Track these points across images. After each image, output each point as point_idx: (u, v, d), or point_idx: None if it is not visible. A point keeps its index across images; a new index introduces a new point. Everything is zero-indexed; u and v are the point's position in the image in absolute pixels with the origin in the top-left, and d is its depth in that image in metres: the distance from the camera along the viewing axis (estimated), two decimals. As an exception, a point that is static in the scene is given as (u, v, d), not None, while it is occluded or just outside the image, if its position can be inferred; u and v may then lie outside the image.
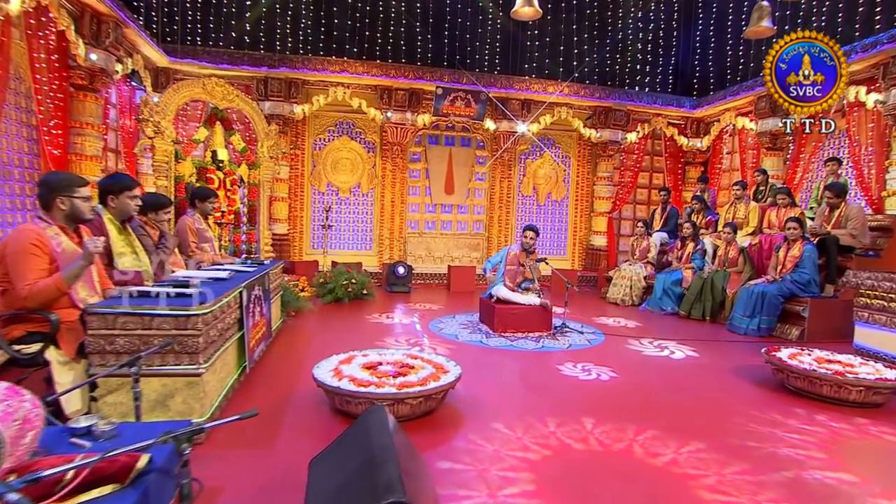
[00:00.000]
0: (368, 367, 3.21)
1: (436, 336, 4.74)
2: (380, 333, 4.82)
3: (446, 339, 4.67)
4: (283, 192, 8.22)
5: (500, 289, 5.19)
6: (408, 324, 5.27)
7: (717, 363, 4.19)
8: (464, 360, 3.70)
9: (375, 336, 4.71)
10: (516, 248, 5.32)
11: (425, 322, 5.37)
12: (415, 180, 8.97)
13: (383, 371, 3.14)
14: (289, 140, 8.24)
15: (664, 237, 7.63)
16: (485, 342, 4.58)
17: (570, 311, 5.96)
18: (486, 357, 4.22)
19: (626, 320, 5.93)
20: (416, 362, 3.33)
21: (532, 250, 5.21)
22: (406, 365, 3.27)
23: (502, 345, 4.52)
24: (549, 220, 9.55)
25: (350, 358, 3.39)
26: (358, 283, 6.78)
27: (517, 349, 4.38)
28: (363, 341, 4.44)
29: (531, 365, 3.94)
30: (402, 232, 8.83)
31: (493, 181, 9.09)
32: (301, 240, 8.61)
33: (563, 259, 9.55)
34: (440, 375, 3.09)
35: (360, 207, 8.82)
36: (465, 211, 9.16)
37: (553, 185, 9.45)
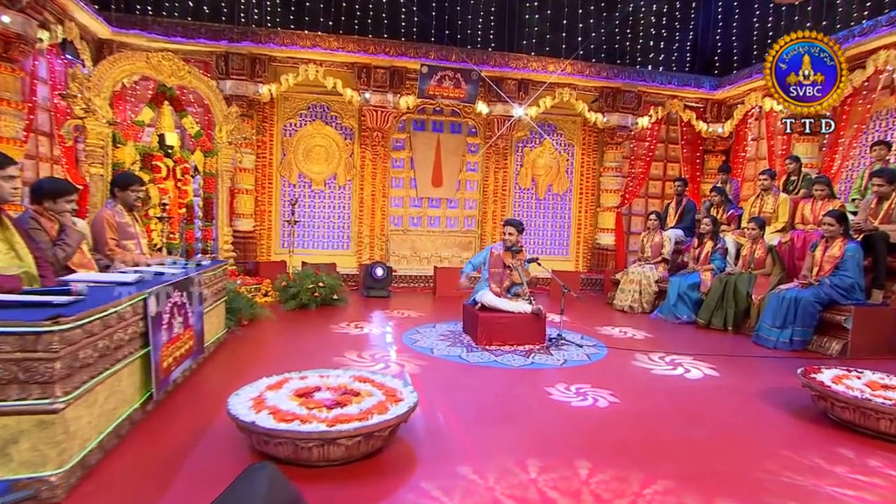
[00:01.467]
0: (301, 395, 2.74)
1: (408, 350, 4.46)
2: (342, 347, 4.49)
3: (419, 353, 4.38)
4: (247, 184, 7.90)
5: (485, 294, 4.87)
6: (379, 334, 5.04)
7: (741, 384, 3.85)
8: (434, 381, 3.56)
9: (336, 350, 4.37)
10: (499, 247, 5.00)
11: (400, 332, 5.11)
12: (398, 171, 8.71)
13: (318, 400, 2.68)
14: (255, 125, 7.97)
15: (679, 234, 7.32)
16: (464, 357, 4.28)
17: (570, 319, 5.78)
18: (461, 376, 3.87)
19: (633, 330, 5.65)
20: (364, 387, 2.88)
21: (518, 249, 4.91)
22: (350, 391, 2.81)
23: (484, 361, 4.21)
24: (550, 216, 9.27)
25: (282, 382, 2.93)
26: (326, 286, 6.40)
27: (501, 366, 4.09)
28: (318, 357, 4.13)
29: (515, 386, 3.62)
30: (384, 229, 8.58)
31: (486, 172, 8.83)
32: (269, 238, 8.35)
33: (565, 260, 9.30)
34: (389, 405, 2.62)
35: (336, 201, 8.58)
36: (454, 205, 8.90)
37: (554, 176, 9.17)
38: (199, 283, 3.83)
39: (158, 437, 2.68)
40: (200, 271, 3.87)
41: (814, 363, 3.80)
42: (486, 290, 4.91)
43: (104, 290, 2.68)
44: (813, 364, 3.58)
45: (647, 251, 7.06)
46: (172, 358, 3.26)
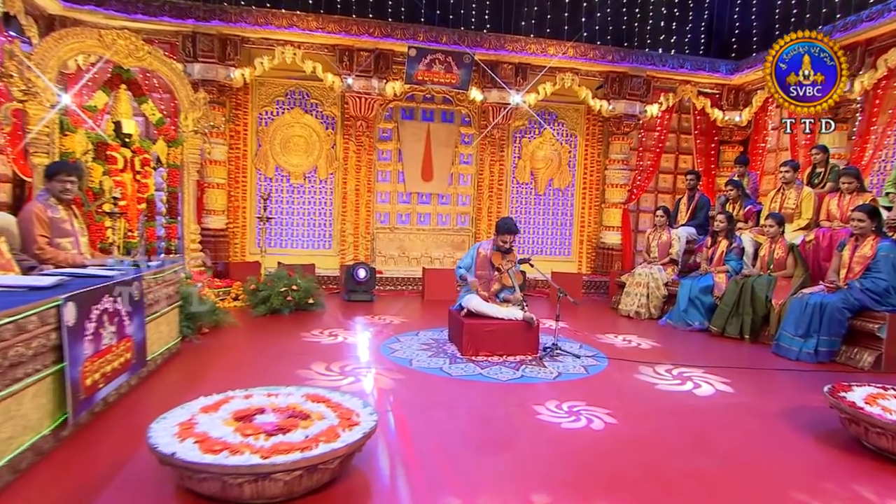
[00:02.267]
0: (240, 418, 2.49)
1: (384, 361, 4.31)
2: (310, 358, 4.29)
3: (396, 365, 4.21)
4: (218, 178, 7.68)
5: (471, 299, 4.67)
6: (354, 343, 4.87)
7: (758, 403, 3.65)
8: (407, 398, 3.41)
9: (303, 361, 4.18)
10: (487, 246, 4.82)
11: (378, 341, 4.95)
12: (385, 163, 8.58)
13: (258, 425, 2.42)
14: (228, 112, 7.75)
15: (691, 232, 7.11)
16: (446, 370, 4.11)
17: (569, 326, 5.75)
18: (439, 392, 3.66)
19: (639, 339, 5.50)
20: (316, 408, 2.63)
21: (509, 249, 4.74)
22: (298, 413, 2.55)
23: (468, 374, 4.04)
24: (551, 213, 9.12)
25: (222, 402, 2.67)
26: (301, 289, 6.19)
27: (487, 380, 3.91)
28: (281, 370, 3.93)
29: (498, 404, 3.44)
30: (370, 227, 8.44)
31: (481, 165, 8.70)
32: (243, 236, 8.17)
33: (567, 261, 9.13)
34: (341, 431, 2.36)
35: (317, 197, 8.43)
36: (446, 201, 8.79)
37: (555, 169, 9.02)
38: (142, 287, 3.55)
39: (68, 470, 2.42)
40: (141, 273, 3.58)
41: (843, 378, 3.59)
42: (473, 294, 4.73)
43: (2, 297, 2.40)
44: (841, 380, 3.36)
45: (653, 251, 6.89)
46: (101, 374, 2.99)
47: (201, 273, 6.47)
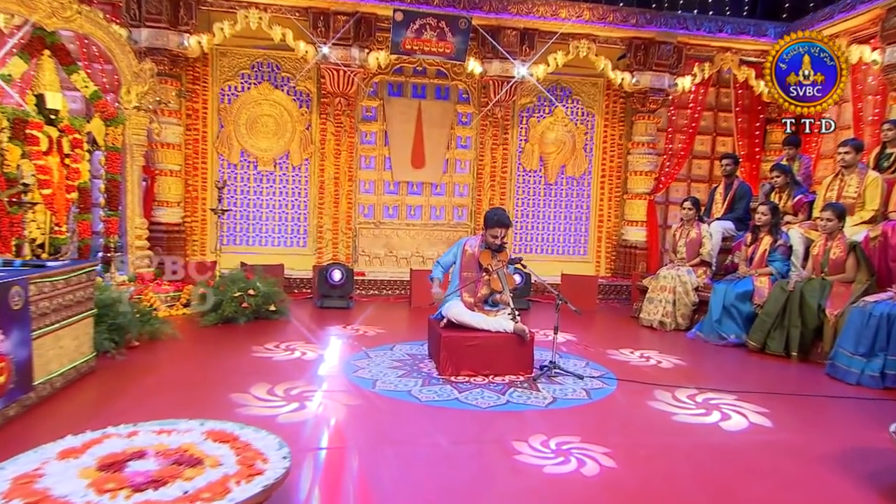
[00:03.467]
0: (106, 466, 2.21)
1: (343, 382, 4.13)
2: (253, 378, 4.05)
3: (355, 387, 4.02)
4: (173, 164, 7.45)
5: (453, 307, 4.44)
6: (313, 359, 4.68)
7: (805, 441, 3.36)
8: (354, 432, 3.19)
9: (241, 383, 3.93)
10: (475, 243, 4.63)
11: (344, 357, 4.80)
12: (368, 147, 8.42)
13: (127, 475, 2.14)
14: (182, 87, 7.56)
15: (728, 228, 6.84)
16: (415, 394, 3.87)
17: (578, 339, 5.65)
18: (398, 424, 3.40)
19: (660, 355, 5.28)
20: (216, 451, 2.37)
21: (500, 247, 4.58)
22: (187, 459, 2.25)
23: (442, 399, 3.80)
24: (563, 206, 8.93)
25: (92, 443, 2.40)
26: (260, 295, 5.92)
27: (462, 407, 3.68)
28: (211, 394, 3.72)
29: (470, 440, 3.20)
30: (351, 221, 8.30)
31: (481, 149, 8.52)
32: (203, 232, 8.00)
33: (583, 261, 8.94)
34: (233, 484, 2.05)
35: (289, 186, 8.26)
36: (441, 192, 8.63)
37: (568, 154, 8.83)
38: (26, 293, 3.22)
39: None
40: (27, 276, 3.24)
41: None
42: (457, 300, 4.49)
43: None
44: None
45: (680, 250, 6.67)
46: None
47: (150, 275, 6.29)
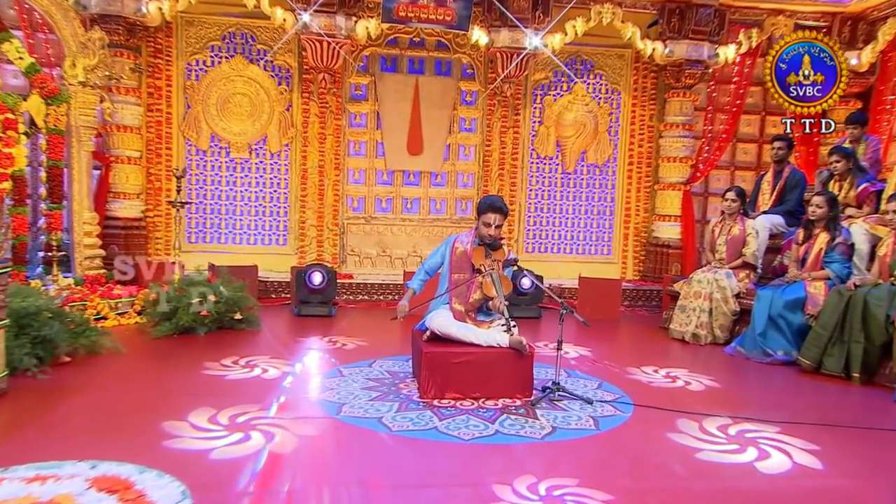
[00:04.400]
0: None
1: (303, 406, 4.06)
2: (196, 401, 3.93)
3: (318, 413, 3.92)
4: (131, 150, 7.47)
5: (437, 316, 4.34)
6: (275, 378, 4.59)
7: (866, 489, 3.13)
8: (299, 471, 3.02)
9: (181, 408, 3.79)
10: (467, 239, 4.51)
11: (313, 375, 4.76)
12: (358, 131, 8.42)
13: None
14: (143, 61, 7.57)
15: (777, 223, 6.65)
16: (386, 422, 3.70)
17: (593, 355, 5.59)
18: (358, 462, 3.20)
19: (690, 375, 5.13)
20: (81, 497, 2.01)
21: (497, 245, 4.44)
22: None
23: (418, 428, 3.63)
24: (584, 198, 8.89)
25: None
26: (223, 301, 5.83)
27: (441, 439, 3.51)
28: (140, 422, 3.58)
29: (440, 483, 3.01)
30: (338, 216, 8.37)
31: (488, 133, 8.52)
32: (168, 228, 8.03)
33: (606, 262, 8.91)
34: None
35: (267, 176, 8.28)
36: (442, 182, 8.63)
37: (590, 138, 8.76)
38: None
39: None
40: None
41: None
42: (444, 308, 4.39)
43: None
44: None
45: (719, 249, 6.53)
46: None
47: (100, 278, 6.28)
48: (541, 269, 7.72)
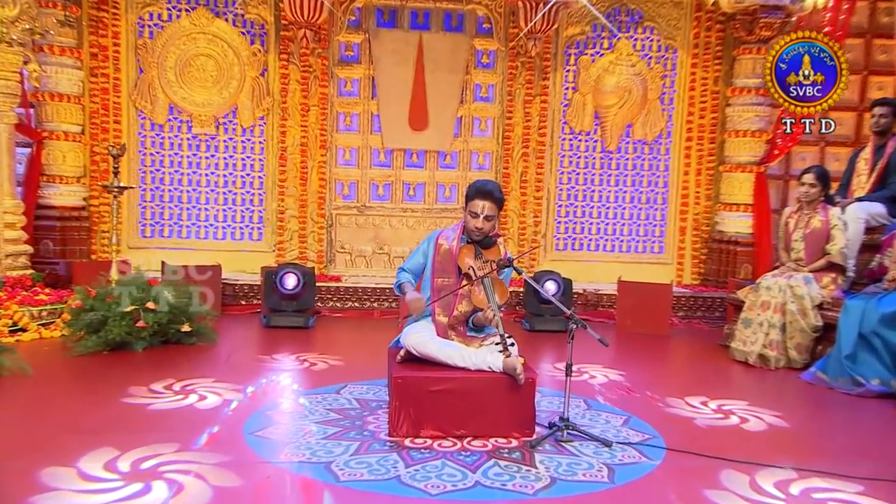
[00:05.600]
0: None
1: (233, 448, 3.88)
2: (93, 442, 3.77)
3: (251, 455, 3.78)
4: (70, 123, 7.49)
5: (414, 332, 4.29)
6: (212, 408, 4.51)
7: None
8: None
9: (73, 449, 3.64)
10: (454, 234, 4.44)
11: (263, 403, 4.65)
12: (349, 101, 8.47)
13: None
14: (84, 14, 7.52)
15: (876, 212, 6.56)
16: (336, 469, 3.52)
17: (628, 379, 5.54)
18: None
19: (750, 408, 4.94)
20: None
21: (491, 242, 4.37)
22: None
23: (376, 477, 3.48)
24: (630, 182, 8.81)
25: None
26: (165, 310, 5.81)
27: (403, 493, 3.35)
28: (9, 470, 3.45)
29: None
30: (325, 205, 8.47)
31: (510, 103, 8.50)
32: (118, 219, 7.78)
33: (657, 261, 8.88)
34: None
35: (238, 156, 8.33)
36: (452, 164, 8.66)
37: (637, 108, 8.69)
38: None
39: None
40: None
41: None
42: (426, 320, 4.35)
43: None
44: None
45: (795, 247, 6.44)
46: None
47: (24, 280, 6.32)
48: (574, 271, 7.81)
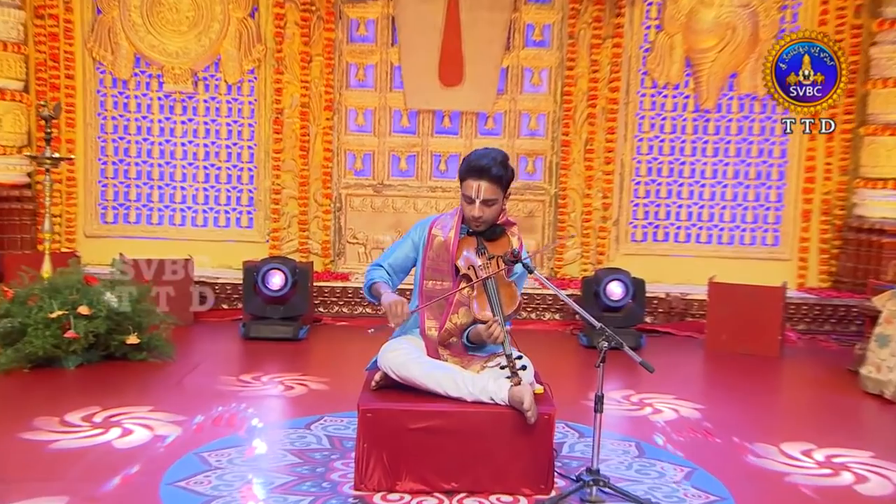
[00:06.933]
0: None
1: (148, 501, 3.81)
2: None
3: None
4: (7, 78, 7.74)
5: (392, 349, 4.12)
6: (135, 447, 4.43)
7: None
8: None
9: None
10: (451, 222, 4.27)
11: (205, 439, 4.61)
12: (362, 50, 8.49)
13: None
14: None
15: None
16: None
17: (703, 417, 5.39)
18: None
19: (874, 462, 4.65)
20: None
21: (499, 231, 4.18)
22: None
23: None
24: (732, 151, 8.61)
25: None
26: (104, 317, 5.80)
27: None
28: None
29: None
30: (332, 184, 8.53)
31: (571, 49, 8.46)
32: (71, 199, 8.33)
33: (768, 256, 8.69)
34: None
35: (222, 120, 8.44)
36: (495, 129, 8.59)
37: (744, 53, 8.56)
38: None
39: None
40: None
41: None
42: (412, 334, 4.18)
43: None
44: None
45: None
46: None
47: None
48: (655, 269, 7.90)
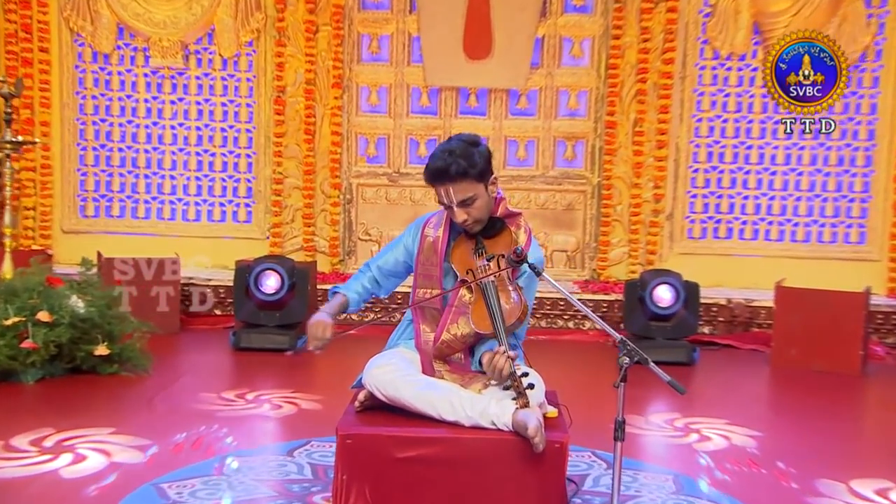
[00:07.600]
0: None
1: None
2: None
3: None
4: None
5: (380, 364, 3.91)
6: (86, 476, 4.31)
7: None
8: None
9: None
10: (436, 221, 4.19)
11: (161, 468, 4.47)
12: (375, 19, 8.58)
13: None
14: None
15: None
16: None
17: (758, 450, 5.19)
18: None
19: None
20: None
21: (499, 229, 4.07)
22: None
23: None
24: (809, 136, 8.35)
25: None
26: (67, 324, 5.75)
27: None
28: None
29: None
30: (341, 172, 8.63)
31: (618, 16, 8.48)
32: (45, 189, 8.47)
33: (855, 256, 8.63)
34: None
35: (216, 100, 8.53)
36: (529, 109, 8.64)
37: (822, 15, 8.44)
38: None
39: None
40: None
41: None
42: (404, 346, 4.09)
43: None
44: None
45: None
46: None
47: None
48: (711, 270, 8.00)
